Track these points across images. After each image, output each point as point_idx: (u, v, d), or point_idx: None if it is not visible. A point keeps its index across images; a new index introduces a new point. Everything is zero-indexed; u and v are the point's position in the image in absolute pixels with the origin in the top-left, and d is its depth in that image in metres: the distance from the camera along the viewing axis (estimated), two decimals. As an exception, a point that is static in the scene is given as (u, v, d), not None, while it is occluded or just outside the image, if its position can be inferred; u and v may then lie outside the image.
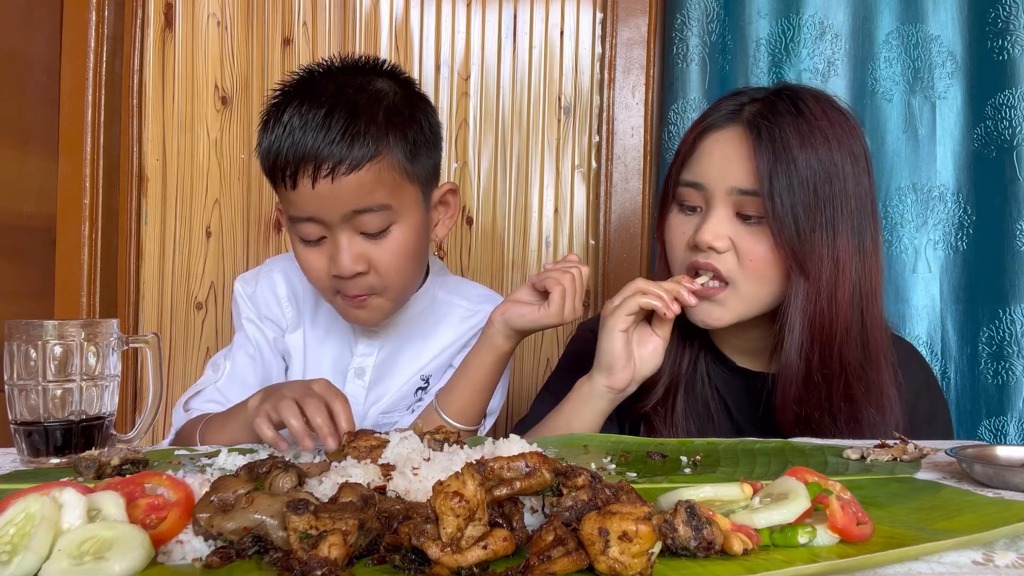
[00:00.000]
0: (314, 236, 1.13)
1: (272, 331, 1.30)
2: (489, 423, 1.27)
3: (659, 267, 1.19)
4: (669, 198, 1.15)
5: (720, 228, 1.07)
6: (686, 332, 1.16)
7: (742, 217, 1.07)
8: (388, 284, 1.16)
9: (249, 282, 1.32)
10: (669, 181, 1.15)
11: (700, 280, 1.09)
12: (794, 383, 1.09)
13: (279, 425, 0.92)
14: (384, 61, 1.22)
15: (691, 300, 1.07)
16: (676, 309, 1.06)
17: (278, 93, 1.17)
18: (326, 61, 1.21)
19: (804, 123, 1.06)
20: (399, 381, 1.29)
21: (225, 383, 1.23)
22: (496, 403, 1.26)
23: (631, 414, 1.18)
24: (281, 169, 1.11)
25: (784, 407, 1.10)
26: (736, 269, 1.07)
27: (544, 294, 1.13)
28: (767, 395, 1.13)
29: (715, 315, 1.09)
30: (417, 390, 1.30)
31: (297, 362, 1.30)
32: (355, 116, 1.11)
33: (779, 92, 1.12)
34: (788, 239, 1.04)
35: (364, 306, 1.17)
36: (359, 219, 1.11)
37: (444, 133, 1.27)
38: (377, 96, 1.15)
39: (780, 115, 1.07)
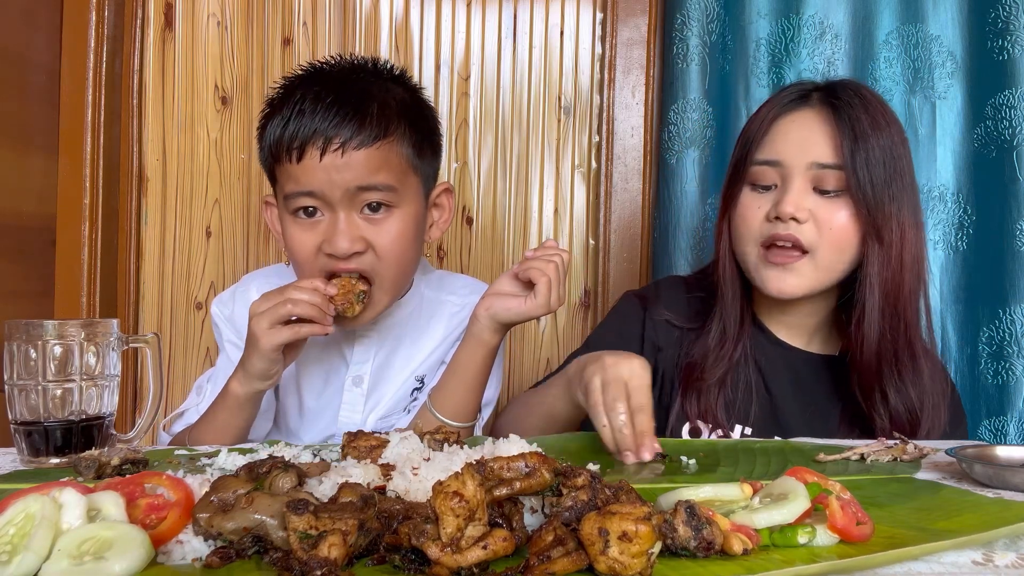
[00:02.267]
0: (310, 211, 1.11)
1: None
2: (486, 414, 1.26)
3: (722, 249, 1.23)
4: (740, 181, 1.21)
5: (801, 200, 1.14)
6: (744, 308, 1.23)
7: (819, 191, 1.15)
8: (386, 265, 1.13)
9: (226, 303, 1.29)
10: (737, 166, 1.22)
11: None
12: (873, 342, 1.15)
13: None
14: (392, 65, 1.22)
15: (643, 455, 0.89)
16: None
17: (283, 84, 1.16)
18: (332, 59, 1.19)
19: (869, 107, 1.17)
20: (395, 384, 1.28)
21: (207, 405, 1.20)
22: (491, 394, 1.26)
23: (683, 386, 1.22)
24: (287, 143, 1.08)
25: (864, 364, 1.16)
26: (816, 238, 1.15)
27: (526, 284, 1.12)
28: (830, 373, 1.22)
29: (791, 283, 1.16)
30: (413, 391, 1.29)
31: (288, 376, 1.28)
32: (368, 99, 1.11)
33: (837, 83, 1.22)
34: (869, 207, 1.13)
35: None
36: (362, 197, 1.10)
37: (444, 133, 1.27)
38: (389, 89, 1.15)
39: (850, 99, 1.17)
